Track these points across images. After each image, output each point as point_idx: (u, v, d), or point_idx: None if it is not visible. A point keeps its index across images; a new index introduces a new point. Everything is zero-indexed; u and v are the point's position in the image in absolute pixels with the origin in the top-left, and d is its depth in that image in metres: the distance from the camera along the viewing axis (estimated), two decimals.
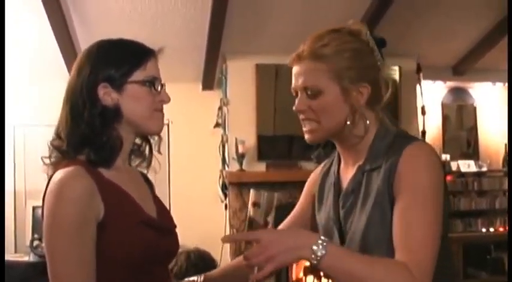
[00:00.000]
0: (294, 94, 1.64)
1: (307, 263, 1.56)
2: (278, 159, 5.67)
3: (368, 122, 1.59)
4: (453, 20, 5.50)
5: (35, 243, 4.96)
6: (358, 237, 1.52)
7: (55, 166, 1.53)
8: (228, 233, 5.56)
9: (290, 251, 1.32)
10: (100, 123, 1.52)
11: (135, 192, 1.57)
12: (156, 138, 1.70)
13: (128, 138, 1.60)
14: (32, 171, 5.57)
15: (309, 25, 5.22)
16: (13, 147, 5.68)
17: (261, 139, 5.63)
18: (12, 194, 5.60)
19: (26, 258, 5.03)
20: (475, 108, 6.81)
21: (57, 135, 1.57)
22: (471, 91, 6.78)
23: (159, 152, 1.72)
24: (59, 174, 1.45)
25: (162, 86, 1.61)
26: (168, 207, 1.78)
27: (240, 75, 5.64)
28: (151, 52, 1.60)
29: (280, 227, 1.94)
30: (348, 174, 1.65)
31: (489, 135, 6.80)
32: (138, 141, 1.69)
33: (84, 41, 5.17)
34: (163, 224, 1.63)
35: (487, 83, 6.73)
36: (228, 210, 5.63)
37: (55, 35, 4.92)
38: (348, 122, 1.56)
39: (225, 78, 5.71)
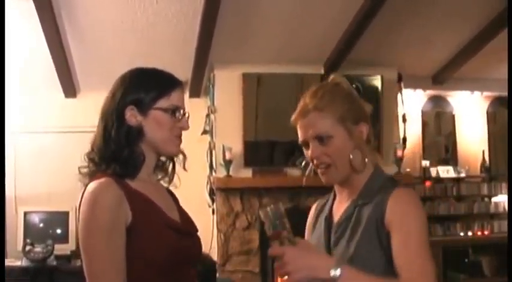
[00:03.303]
0: (304, 145, 1.82)
1: None
2: (264, 165, 5.82)
3: (366, 160, 1.79)
4: (432, 31, 5.68)
5: (28, 248, 5.04)
6: (345, 259, 1.68)
7: (90, 176, 1.73)
8: (215, 237, 5.69)
9: (308, 269, 1.50)
10: (125, 141, 1.71)
11: (160, 201, 1.75)
12: (181, 156, 1.88)
13: (150, 155, 1.78)
14: (23, 178, 5.67)
15: (294, 35, 5.40)
16: (14, 154, 5.75)
17: (248, 146, 5.78)
18: (13, 202, 5.67)
19: (18, 263, 5.10)
20: (453, 116, 7.00)
21: (92, 148, 1.76)
22: (450, 99, 6.98)
23: (184, 168, 1.90)
24: (92, 185, 1.64)
25: (185, 114, 1.79)
26: None
27: (227, 83, 5.79)
28: (177, 83, 1.79)
29: None
30: (341, 208, 1.84)
31: (467, 142, 7.01)
32: (163, 158, 1.87)
33: (76, 50, 5.29)
34: (186, 228, 1.80)
35: (466, 91, 6.94)
36: (215, 215, 5.77)
37: (48, 44, 5.01)
38: (351, 156, 1.76)
39: (213, 86, 5.84)
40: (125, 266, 1.60)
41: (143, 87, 1.74)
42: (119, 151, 1.69)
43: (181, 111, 1.77)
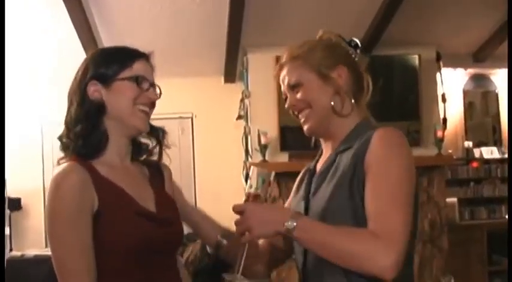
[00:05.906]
0: (284, 98, 1.79)
1: None
2: (301, 149, 5.72)
3: (350, 108, 1.69)
4: (471, 7, 5.50)
5: None
6: (320, 206, 1.61)
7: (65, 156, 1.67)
8: None
9: (266, 224, 1.51)
10: (85, 118, 1.64)
11: (131, 188, 1.67)
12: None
13: (118, 136, 1.70)
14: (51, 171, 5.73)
15: (326, 14, 5.28)
16: (41, 145, 5.85)
17: (284, 130, 5.68)
18: (41, 191, 5.76)
19: None
20: (497, 95, 6.79)
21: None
22: (493, 78, 6.77)
23: (163, 146, 1.82)
24: (56, 171, 1.58)
25: (152, 85, 1.71)
26: (193, 199, 1.84)
27: (261, 67, 5.68)
28: (140, 54, 1.71)
29: None
30: (324, 160, 1.76)
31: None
32: (144, 140, 1.79)
33: (107, 39, 5.29)
34: (161, 216, 1.71)
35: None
36: None
37: (78, 34, 5.04)
38: (332, 102, 1.68)
39: (246, 70, 5.78)
40: (93, 253, 1.54)
41: (104, 62, 1.68)
42: (79, 130, 1.63)
43: (148, 82, 1.69)
